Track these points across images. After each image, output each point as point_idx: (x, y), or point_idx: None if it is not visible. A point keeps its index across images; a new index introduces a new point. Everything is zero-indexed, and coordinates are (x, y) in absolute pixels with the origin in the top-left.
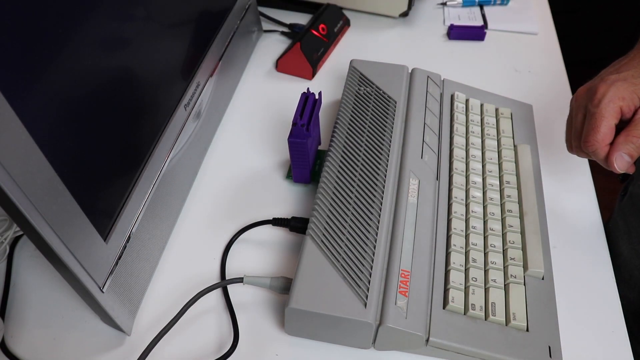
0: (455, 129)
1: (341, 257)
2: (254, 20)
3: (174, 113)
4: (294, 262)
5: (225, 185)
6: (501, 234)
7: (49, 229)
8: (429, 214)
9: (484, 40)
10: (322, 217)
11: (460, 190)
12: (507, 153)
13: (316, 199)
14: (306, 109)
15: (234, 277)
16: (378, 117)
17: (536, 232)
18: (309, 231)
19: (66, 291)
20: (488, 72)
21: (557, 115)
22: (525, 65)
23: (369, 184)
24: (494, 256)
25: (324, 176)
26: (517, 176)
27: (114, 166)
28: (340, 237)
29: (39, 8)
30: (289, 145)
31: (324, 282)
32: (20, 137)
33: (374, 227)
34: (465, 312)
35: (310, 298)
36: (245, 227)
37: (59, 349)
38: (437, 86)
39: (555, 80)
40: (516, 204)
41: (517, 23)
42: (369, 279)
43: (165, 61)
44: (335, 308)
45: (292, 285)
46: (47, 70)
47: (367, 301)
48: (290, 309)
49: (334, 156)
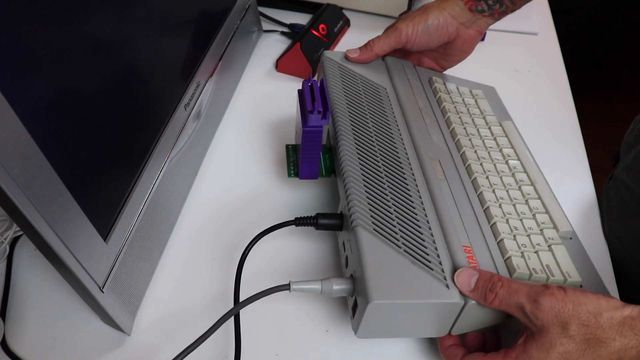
0: (448, 109)
1: (402, 243)
2: (254, 20)
3: (174, 113)
4: (321, 263)
5: (226, 185)
6: (524, 202)
7: (49, 229)
8: (461, 190)
9: (484, 40)
10: (364, 205)
11: (477, 165)
12: (497, 129)
13: (348, 189)
14: (316, 96)
15: (265, 290)
16: (375, 104)
17: (551, 196)
18: (358, 222)
19: (66, 291)
20: (488, 72)
21: (538, 107)
22: (525, 65)
23: (396, 169)
24: (529, 222)
25: (346, 166)
26: (513, 149)
27: (114, 166)
28: (391, 224)
29: (38, 8)
30: (303, 136)
31: (397, 270)
32: (20, 137)
33: (419, 209)
34: (529, 277)
35: (391, 289)
36: (266, 231)
37: (59, 348)
38: (414, 72)
39: (555, 80)
40: (524, 173)
41: (517, 23)
42: (439, 260)
43: (165, 61)
44: (420, 294)
45: (364, 281)
46: (47, 70)
47: (447, 282)
48: (375, 304)
49: (348, 146)
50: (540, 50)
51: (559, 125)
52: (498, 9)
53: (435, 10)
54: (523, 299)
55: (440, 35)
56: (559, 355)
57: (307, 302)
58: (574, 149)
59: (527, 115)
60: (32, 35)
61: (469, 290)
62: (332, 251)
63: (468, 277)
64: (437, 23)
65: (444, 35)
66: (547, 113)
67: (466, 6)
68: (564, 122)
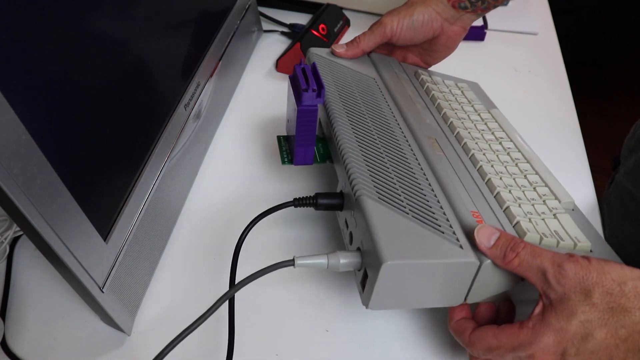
0: (437, 97)
1: (409, 209)
2: (254, 20)
3: (174, 113)
4: (322, 247)
5: (226, 185)
6: (523, 177)
7: (49, 229)
8: (460, 164)
9: (484, 40)
10: (365, 176)
11: (473, 143)
12: (486, 116)
13: (347, 162)
14: (309, 76)
15: (255, 272)
16: (365, 91)
17: (548, 172)
18: (362, 191)
19: (66, 291)
20: (488, 72)
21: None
22: (525, 65)
23: (394, 144)
24: (530, 194)
25: (344, 148)
26: (505, 133)
27: (114, 166)
28: (396, 192)
29: (39, 8)
30: (298, 116)
31: (407, 234)
32: (20, 137)
33: (422, 179)
34: (539, 242)
35: (403, 249)
36: (264, 213)
37: (59, 348)
38: (399, 66)
39: (555, 80)
40: (519, 152)
41: (517, 23)
42: (449, 223)
43: (165, 61)
44: (434, 254)
45: (374, 245)
46: (47, 70)
47: (460, 243)
48: (388, 266)
49: (343, 124)
50: (540, 50)
51: (559, 125)
52: (480, 5)
53: (421, 5)
54: (547, 263)
55: (425, 31)
56: (580, 323)
57: (307, 301)
58: (574, 149)
59: (527, 115)
60: (32, 35)
61: (487, 246)
62: (333, 235)
63: (489, 234)
64: (422, 19)
65: (429, 31)
66: (547, 113)
67: (449, 3)
68: (564, 122)
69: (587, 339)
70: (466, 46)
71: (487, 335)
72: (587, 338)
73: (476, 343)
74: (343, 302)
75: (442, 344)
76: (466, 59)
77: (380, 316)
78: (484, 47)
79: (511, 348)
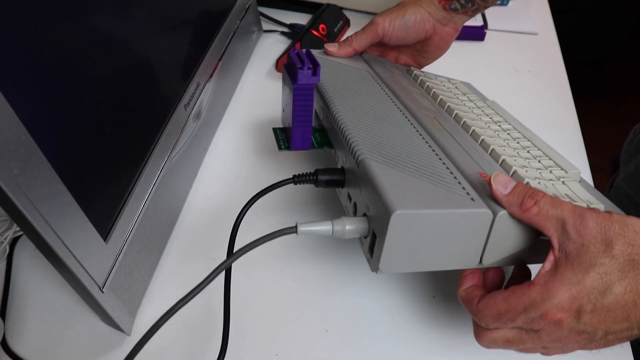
0: (432, 87)
1: (414, 170)
2: (254, 20)
3: (174, 113)
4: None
5: (226, 185)
6: (526, 152)
7: (49, 229)
8: (462, 137)
9: (484, 40)
10: (367, 142)
11: (472, 121)
12: (482, 104)
13: (346, 133)
14: (304, 57)
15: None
16: (360, 80)
17: (551, 149)
18: (365, 156)
19: (66, 291)
20: (488, 72)
21: (538, 108)
22: (525, 65)
23: (395, 118)
24: (536, 164)
25: (341, 119)
26: (503, 118)
27: (114, 166)
28: (400, 156)
29: (39, 8)
30: (294, 96)
31: (416, 189)
32: (21, 137)
33: (426, 147)
34: None
35: (413, 200)
36: (264, 191)
37: (59, 348)
38: (392, 64)
39: (555, 80)
40: (518, 133)
41: (517, 23)
42: (457, 180)
43: (165, 61)
44: (446, 204)
45: (382, 198)
46: (48, 71)
47: (471, 196)
48: (399, 215)
49: (340, 105)
50: (540, 50)
51: (559, 125)
52: (470, 7)
53: (413, 6)
54: (567, 213)
55: (418, 32)
56: (599, 276)
57: (307, 301)
58: (574, 149)
59: (527, 115)
60: (32, 35)
61: (504, 193)
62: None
63: (506, 181)
64: (414, 19)
65: (421, 31)
66: (547, 113)
67: (440, 4)
68: (564, 122)
69: (605, 293)
70: (466, 46)
71: (496, 301)
72: (605, 293)
73: (484, 310)
74: (343, 302)
75: (443, 344)
76: (466, 59)
77: (380, 316)
78: (483, 47)
79: (522, 309)
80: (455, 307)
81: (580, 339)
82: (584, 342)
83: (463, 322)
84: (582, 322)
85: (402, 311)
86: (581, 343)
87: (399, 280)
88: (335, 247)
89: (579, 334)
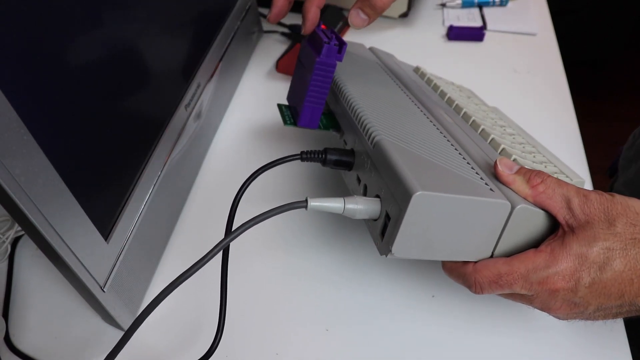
0: (439, 84)
1: (431, 155)
2: (254, 21)
3: (175, 113)
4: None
5: (226, 186)
6: (532, 156)
7: (50, 229)
8: (472, 133)
9: (483, 41)
10: (382, 124)
11: (481, 120)
12: (486, 108)
13: (360, 114)
14: (329, 34)
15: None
16: (371, 69)
17: (556, 157)
18: (381, 137)
19: (67, 290)
20: (487, 72)
21: (537, 108)
22: (525, 65)
23: (407, 107)
24: (542, 169)
25: (354, 102)
26: (506, 123)
27: (115, 166)
28: (415, 140)
29: (39, 8)
30: (315, 69)
31: (434, 172)
32: (22, 137)
33: (441, 137)
34: None
35: (434, 183)
36: (268, 165)
37: (61, 348)
38: (399, 61)
39: (554, 81)
40: (522, 139)
41: (516, 24)
42: (476, 171)
43: (165, 62)
44: (468, 191)
45: (401, 180)
46: (48, 70)
47: (490, 187)
48: (420, 196)
49: (352, 88)
50: (539, 50)
51: (558, 125)
52: None
53: None
54: (572, 192)
55: None
56: (601, 250)
57: (307, 301)
58: (573, 150)
59: (526, 115)
60: (33, 35)
61: (510, 172)
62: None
63: (511, 164)
64: None
65: None
66: (546, 113)
67: None
68: (563, 122)
69: (604, 268)
70: (465, 47)
71: (497, 262)
72: (605, 268)
73: (483, 270)
74: (343, 302)
75: (443, 344)
76: (465, 60)
77: (380, 315)
78: (482, 47)
79: (524, 272)
80: (456, 307)
81: (570, 311)
82: (573, 314)
83: (463, 321)
84: (578, 295)
85: (402, 310)
86: (570, 314)
87: (399, 279)
88: (335, 246)
89: (571, 306)
